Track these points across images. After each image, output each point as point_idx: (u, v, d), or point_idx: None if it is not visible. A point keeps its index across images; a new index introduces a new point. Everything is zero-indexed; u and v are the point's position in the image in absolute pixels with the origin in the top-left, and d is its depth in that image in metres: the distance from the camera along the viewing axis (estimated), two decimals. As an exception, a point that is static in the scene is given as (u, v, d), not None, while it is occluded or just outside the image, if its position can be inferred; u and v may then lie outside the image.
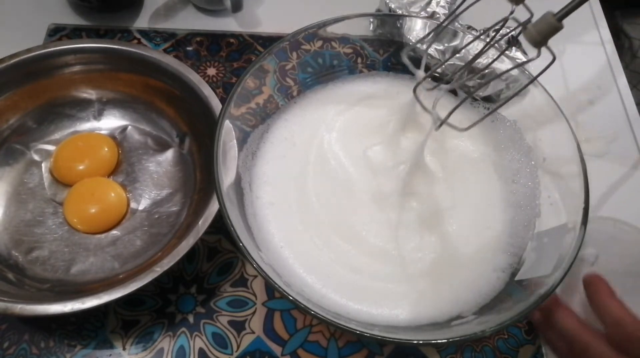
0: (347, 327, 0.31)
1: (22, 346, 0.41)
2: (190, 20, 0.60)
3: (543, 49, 0.30)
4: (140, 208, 0.46)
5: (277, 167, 0.41)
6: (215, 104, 0.45)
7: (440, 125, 0.34)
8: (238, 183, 0.39)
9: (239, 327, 0.44)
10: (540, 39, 0.30)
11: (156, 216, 0.46)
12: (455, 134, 0.44)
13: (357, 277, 0.37)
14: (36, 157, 0.48)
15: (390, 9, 0.56)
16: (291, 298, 0.31)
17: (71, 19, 0.59)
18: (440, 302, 0.37)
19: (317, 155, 0.42)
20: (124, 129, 0.50)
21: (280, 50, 0.42)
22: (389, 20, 0.52)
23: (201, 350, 0.42)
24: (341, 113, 0.44)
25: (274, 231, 0.38)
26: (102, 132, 0.50)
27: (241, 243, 0.32)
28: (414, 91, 0.35)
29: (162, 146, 0.49)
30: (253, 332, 0.43)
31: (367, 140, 0.43)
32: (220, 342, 0.43)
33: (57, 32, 0.58)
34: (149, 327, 0.43)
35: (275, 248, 0.38)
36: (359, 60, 0.47)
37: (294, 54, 0.43)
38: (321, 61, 0.45)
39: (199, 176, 0.47)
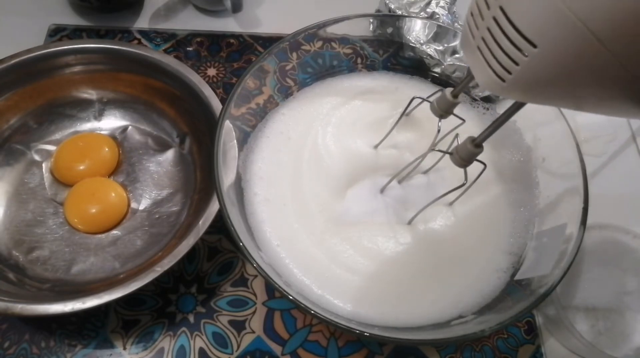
0: (347, 326, 0.31)
1: (22, 346, 0.41)
2: (190, 21, 0.60)
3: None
4: (141, 208, 0.47)
5: (272, 162, 0.41)
6: (216, 105, 0.45)
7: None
8: (238, 183, 0.39)
9: (239, 326, 0.44)
10: (464, 163, 0.33)
11: (156, 216, 0.46)
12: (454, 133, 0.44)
13: (354, 278, 0.37)
14: (37, 157, 0.48)
15: (390, 10, 0.56)
16: (291, 297, 0.31)
17: (72, 19, 0.59)
18: (441, 303, 0.37)
19: (311, 150, 0.42)
20: (124, 129, 0.50)
21: (280, 50, 0.42)
22: (389, 21, 0.52)
23: (201, 350, 0.42)
24: (337, 107, 0.44)
25: (269, 229, 0.38)
26: (103, 132, 0.50)
27: (241, 242, 0.32)
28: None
29: (163, 146, 0.49)
30: (253, 332, 0.43)
31: (364, 135, 0.43)
32: (221, 341, 0.43)
33: (57, 33, 0.58)
34: (149, 327, 0.43)
35: (272, 247, 0.37)
36: (359, 60, 0.47)
37: (294, 54, 0.43)
38: (321, 61, 0.45)
39: (200, 176, 0.47)
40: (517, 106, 0.30)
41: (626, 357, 0.42)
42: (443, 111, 0.35)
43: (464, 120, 0.38)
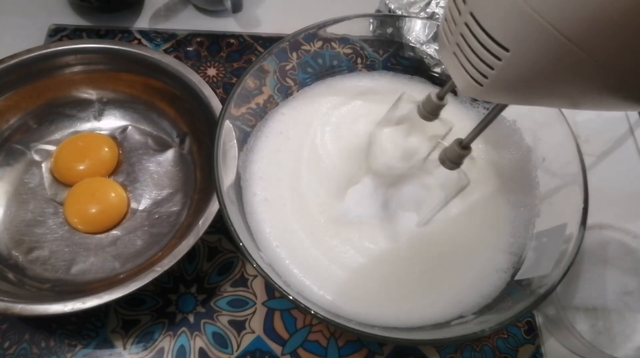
0: (347, 326, 0.31)
1: (22, 346, 0.41)
2: (190, 21, 0.60)
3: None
4: (141, 208, 0.46)
5: (271, 162, 0.41)
6: (216, 105, 0.45)
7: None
8: (238, 183, 0.39)
9: (239, 326, 0.44)
10: (453, 165, 0.33)
11: (156, 216, 0.46)
12: (456, 133, 0.43)
13: (354, 278, 0.37)
14: (37, 157, 0.48)
15: (390, 10, 0.56)
16: (291, 298, 0.31)
17: (72, 19, 0.59)
18: (441, 303, 0.37)
19: (310, 150, 0.41)
20: (124, 129, 0.50)
21: (280, 50, 0.42)
22: (389, 21, 0.52)
23: (201, 350, 0.42)
24: (337, 107, 0.44)
25: (269, 229, 0.38)
26: (103, 132, 0.50)
27: (241, 243, 0.32)
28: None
29: (163, 146, 0.49)
30: (253, 332, 0.43)
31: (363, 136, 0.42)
32: (221, 341, 0.43)
33: (57, 33, 0.58)
34: (149, 327, 0.43)
35: (272, 248, 0.37)
36: (359, 60, 0.47)
37: (294, 54, 0.43)
38: (321, 61, 0.45)
39: (199, 176, 0.47)
40: (500, 107, 0.29)
41: (626, 357, 0.42)
42: (429, 113, 0.35)
43: (452, 124, 0.38)
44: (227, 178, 0.36)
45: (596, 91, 0.22)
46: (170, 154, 0.49)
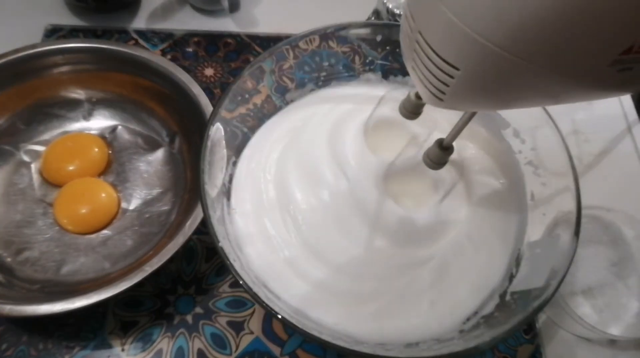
0: (333, 343, 0.30)
1: (20, 348, 0.41)
2: (187, 21, 0.60)
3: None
4: (131, 207, 0.46)
5: (260, 169, 0.40)
6: (205, 103, 0.45)
7: None
8: (223, 188, 0.38)
9: (237, 327, 0.43)
10: (436, 166, 0.32)
11: (147, 216, 0.46)
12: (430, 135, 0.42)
13: (352, 301, 0.35)
14: (26, 158, 0.47)
15: (387, 9, 0.56)
16: (281, 317, 0.30)
17: (68, 19, 0.59)
18: (431, 318, 0.35)
19: (300, 157, 0.39)
20: (113, 129, 0.50)
21: (278, 52, 0.41)
22: (390, 25, 0.51)
23: (200, 351, 0.42)
24: (331, 111, 0.42)
25: (253, 240, 0.37)
26: (92, 132, 0.49)
27: (219, 242, 0.32)
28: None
29: (153, 146, 0.49)
30: (252, 333, 0.43)
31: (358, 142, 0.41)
32: (219, 342, 0.43)
33: (54, 33, 0.57)
34: (147, 328, 0.43)
35: (253, 258, 0.36)
36: (357, 59, 0.47)
37: (291, 53, 0.43)
38: (318, 59, 0.45)
39: (190, 175, 0.47)
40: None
41: (629, 325, 0.42)
42: (409, 112, 0.34)
43: (435, 122, 0.37)
44: (212, 183, 0.36)
45: (557, 87, 0.21)
46: (160, 153, 0.49)
